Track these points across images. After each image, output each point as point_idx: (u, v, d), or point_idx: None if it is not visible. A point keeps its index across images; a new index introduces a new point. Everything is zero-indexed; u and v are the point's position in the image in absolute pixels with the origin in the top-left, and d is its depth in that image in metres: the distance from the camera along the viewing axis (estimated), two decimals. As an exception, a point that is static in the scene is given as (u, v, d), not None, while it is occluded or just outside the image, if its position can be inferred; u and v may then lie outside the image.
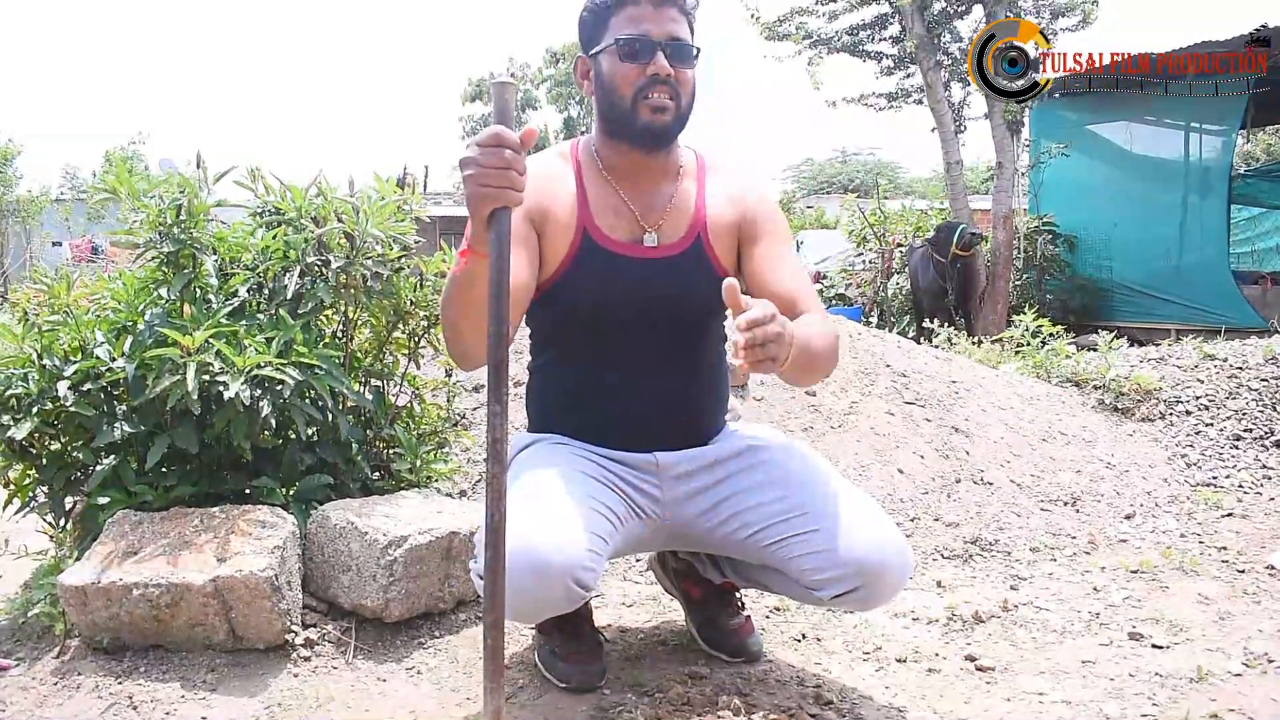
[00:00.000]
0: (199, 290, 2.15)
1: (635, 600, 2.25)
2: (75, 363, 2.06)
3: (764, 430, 1.83)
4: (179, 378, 1.89)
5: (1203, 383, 3.95)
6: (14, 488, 2.16)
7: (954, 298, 7.85)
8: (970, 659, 1.92)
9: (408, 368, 2.48)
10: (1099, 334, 4.59)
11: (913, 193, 25.69)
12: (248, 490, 2.11)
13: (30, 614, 1.97)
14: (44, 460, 2.12)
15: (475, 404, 3.16)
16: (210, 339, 1.94)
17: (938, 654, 1.95)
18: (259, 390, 2.00)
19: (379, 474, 2.40)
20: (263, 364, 1.94)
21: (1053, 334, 4.83)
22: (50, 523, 2.19)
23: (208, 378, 1.92)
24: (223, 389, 1.91)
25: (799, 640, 2.01)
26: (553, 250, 1.67)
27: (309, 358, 2.01)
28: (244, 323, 2.06)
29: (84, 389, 2.04)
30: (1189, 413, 3.76)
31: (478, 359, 1.51)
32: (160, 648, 1.85)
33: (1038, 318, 4.97)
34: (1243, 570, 2.46)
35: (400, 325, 2.41)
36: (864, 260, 10.32)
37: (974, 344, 5.20)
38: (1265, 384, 3.86)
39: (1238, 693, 1.75)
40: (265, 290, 2.20)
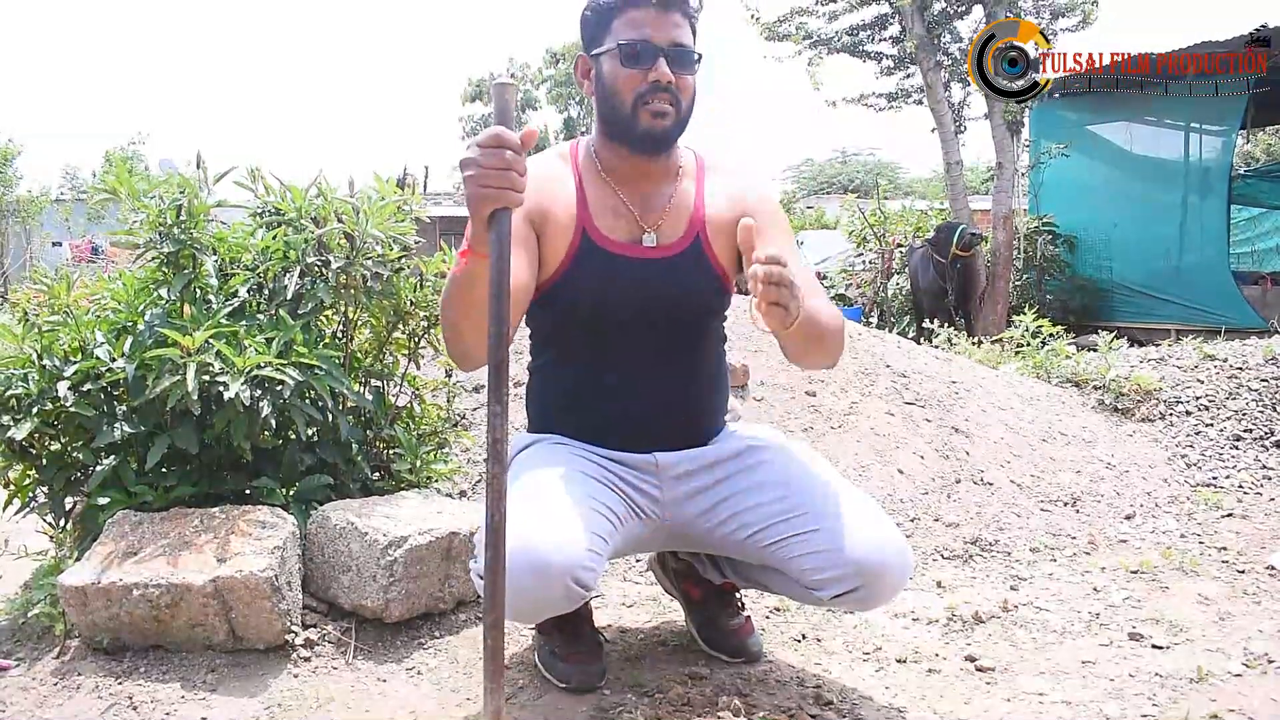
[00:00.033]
0: (199, 291, 2.15)
1: (635, 600, 2.25)
2: (75, 363, 2.06)
3: (764, 430, 1.83)
4: (179, 378, 1.89)
5: (1203, 383, 3.94)
6: (14, 488, 2.16)
7: (954, 298, 7.85)
8: (970, 659, 1.92)
9: (408, 368, 2.48)
10: (1099, 334, 4.59)
11: (913, 193, 25.70)
12: (248, 490, 2.11)
13: (30, 614, 1.97)
14: (44, 460, 2.12)
15: (475, 404, 3.16)
16: (210, 339, 1.94)
17: (938, 654, 1.95)
18: (259, 390, 2.00)
19: (379, 474, 2.40)
20: (263, 364, 1.94)
21: (1053, 334, 4.83)
22: (50, 523, 2.19)
23: (208, 378, 1.92)
24: (223, 389, 1.91)
25: (799, 640, 2.01)
26: (552, 251, 1.67)
27: (309, 358, 2.01)
28: (244, 323, 2.06)
29: (84, 389, 2.04)
30: (1189, 413, 3.76)
31: (478, 359, 1.51)
32: (160, 648, 1.85)
33: (1038, 318, 4.97)
34: (1243, 570, 2.46)
35: (400, 325, 2.41)
36: (864, 261, 10.33)
37: (974, 344, 5.20)
38: (1265, 384, 3.86)
39: (1238, 693, 1.75)
40: (265, 291, 2.20)
